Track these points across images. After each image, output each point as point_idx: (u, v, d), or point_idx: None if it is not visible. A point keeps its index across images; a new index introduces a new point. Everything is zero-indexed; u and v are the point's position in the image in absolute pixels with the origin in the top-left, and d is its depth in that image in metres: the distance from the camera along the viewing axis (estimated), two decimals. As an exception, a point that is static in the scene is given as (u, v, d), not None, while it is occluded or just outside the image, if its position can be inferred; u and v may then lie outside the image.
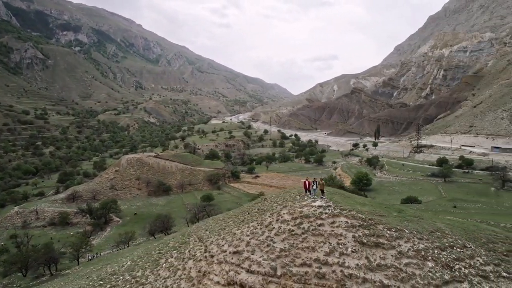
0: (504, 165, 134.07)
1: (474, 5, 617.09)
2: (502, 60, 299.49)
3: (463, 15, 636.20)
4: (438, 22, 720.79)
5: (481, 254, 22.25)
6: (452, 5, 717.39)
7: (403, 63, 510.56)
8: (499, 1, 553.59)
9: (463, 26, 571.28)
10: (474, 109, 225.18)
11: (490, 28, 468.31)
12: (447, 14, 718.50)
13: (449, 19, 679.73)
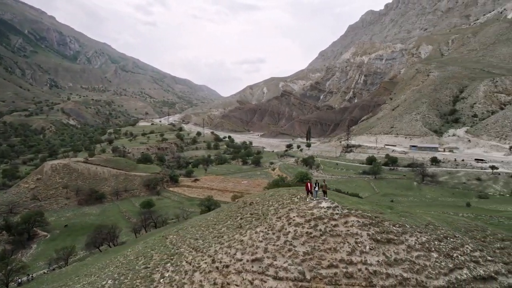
0: (422, 162, 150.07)
1: (386, 19, 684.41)
2: (412, 69, 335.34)
3: (377, 26, 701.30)
4: (357, 32, 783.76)
5: (468, 242, 24.08)
6: (368, 17, 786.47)
7: (328, 68, 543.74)
8: (405, 16, 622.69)
9: (378, 36, 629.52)
10: (393, 112, 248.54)
11: (400, 40, 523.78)
12: (364, 24, 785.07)
13: (366, 30, 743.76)
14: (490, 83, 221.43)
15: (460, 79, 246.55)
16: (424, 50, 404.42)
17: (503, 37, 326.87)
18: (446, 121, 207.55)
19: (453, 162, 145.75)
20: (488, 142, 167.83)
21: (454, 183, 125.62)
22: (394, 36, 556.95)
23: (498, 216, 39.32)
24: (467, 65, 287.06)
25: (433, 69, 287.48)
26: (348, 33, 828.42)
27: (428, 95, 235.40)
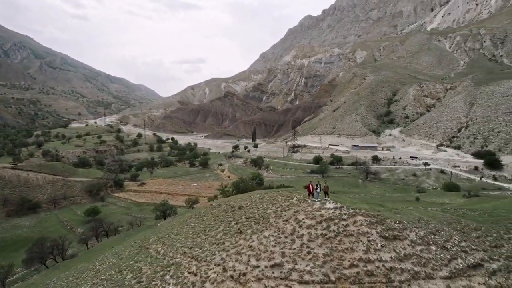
0: (364, 160, 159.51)
1: (324, 24, 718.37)
2: (349, 72, 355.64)
3: (315, 31, 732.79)
4: (296, 35, 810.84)
5: (454, 234, 25.66)
6: (307, 22, 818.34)
7: (270, 70, 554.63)
8: (341, 23, 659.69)
9: (316, 40, 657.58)
10: (334, 113, 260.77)
11: (337, 45, 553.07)
12: (303, 29, 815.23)
13: (305, 34, 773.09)
14: (418, 88, 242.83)
15: (393, 83, 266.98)
16: (359, 55, 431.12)
17: (424, 46, 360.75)
18: (382, 121, 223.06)
19: (391, 160, 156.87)
20: (419, 141, 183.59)
21: (394, 180, 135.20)
22: (332, 41, 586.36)
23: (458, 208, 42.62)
24: (397, 70, 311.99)
25: (369, 73, 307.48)
26: (288, 37, 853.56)
27: (366, 97, 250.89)
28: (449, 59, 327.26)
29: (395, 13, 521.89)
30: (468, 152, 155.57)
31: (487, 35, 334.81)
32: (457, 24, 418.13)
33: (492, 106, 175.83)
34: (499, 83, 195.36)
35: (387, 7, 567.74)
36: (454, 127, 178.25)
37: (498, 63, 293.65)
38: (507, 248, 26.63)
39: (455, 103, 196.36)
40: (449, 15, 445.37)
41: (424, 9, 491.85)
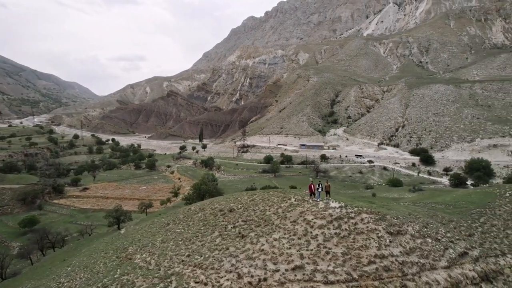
0: (313, 159, 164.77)
1: (267, 26, 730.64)
2: (293, 74, 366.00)
3: (258, 32, 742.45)
4: (239, 36, 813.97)
5: (439, 226, 27.08)
6: (250, 23, 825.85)
7: (214, 69, 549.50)
8: (284, 25, 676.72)
9: (259, 41, 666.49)
10: (281, 113, 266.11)
11: (280, 46, 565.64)
12: (246, 29, 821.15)
13: (248, 34, 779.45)
14: (358, 90, 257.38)
15: (335, 85, 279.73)
16: (302, 57, 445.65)
17: (362, 51, 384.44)
18: (327, 122, 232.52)
19: (338, 158, 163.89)
20: (361, 140, 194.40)
21: (342, 177, 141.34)
22: (275, 43, 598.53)
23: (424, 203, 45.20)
24: (338, 73, 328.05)
25: (312, 75, 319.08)
26: (231, 37, 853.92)
27: (310, 98, 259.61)
28: (384, 63, 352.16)
29: (334, 18, 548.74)
30: (406, 150, 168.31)
31: (415, 43, 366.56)
32: (389, 31, 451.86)
33: (423, 108, 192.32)
34: (428, 87, 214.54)
35: (326, 12, 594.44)
36: (392, 126, 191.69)
37: (425, 69, 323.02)
38: (478, 236, 28.72)
39: (392, 104, 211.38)
40: (382, 23, 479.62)
41: (360, 16, 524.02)
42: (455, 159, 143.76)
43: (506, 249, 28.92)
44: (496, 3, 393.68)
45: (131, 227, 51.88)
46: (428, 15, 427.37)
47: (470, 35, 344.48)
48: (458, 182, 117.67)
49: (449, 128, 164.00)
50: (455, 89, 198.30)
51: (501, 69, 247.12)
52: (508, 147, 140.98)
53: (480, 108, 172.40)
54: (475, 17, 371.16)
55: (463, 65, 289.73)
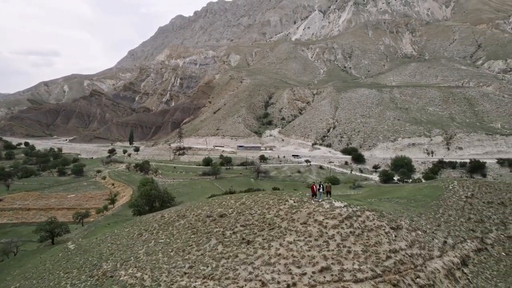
0: (252, 160, 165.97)
1: (196, 25, 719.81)
2: (226, 75, 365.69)
3: (188, 32, 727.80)
4: (167, 34, 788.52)
5: (418, 219, 28.67)
6: (178, 22, 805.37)
7: (142, 68, 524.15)
8: (213, 26, 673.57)
9: (189, 41, 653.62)
10: (215, 115, 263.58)
11: (210, 47, 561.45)
12: (174, 28, 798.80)
13: (177, 33, 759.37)
14: (290, 92, 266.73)
15: (268, 87, 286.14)
16: (233, 59, 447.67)
17: (291, 55, 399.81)
18: (262, 123, 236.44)
19: (277, 159, 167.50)
20: (296, 141, 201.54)
21: (282, 177, 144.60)
22: (205, 43, 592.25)
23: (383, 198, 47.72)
24: (270, 75, 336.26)
25: (245, 76, 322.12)
26: (159, 35, 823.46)
27: (245, 100, 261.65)
28: (312, 67, 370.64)
29: (264, 22, 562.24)
30: (338, 149, 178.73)
31: (339, 49, 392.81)
32: (316, 37, 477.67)
33: (351, 110, 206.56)
34: (354, 91, 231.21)
35: (256, 15, 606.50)
36: (324, 127, 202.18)
37: (349, 74, 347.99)
38: (444, 226, 31.07)
39: (323, 106, 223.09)
40: (308, 28, 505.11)
41: (289, 20, 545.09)
42: (382, 157, 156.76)
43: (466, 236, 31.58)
44: (404, 18, 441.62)
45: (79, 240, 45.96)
46: (349, 24, 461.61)
47: (386, 45, 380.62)
48: (387, 178, 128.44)
49: (375, 129, 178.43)
50: (378, 93, 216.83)
51: (412, 76, 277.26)
52: (423, 145, 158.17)
53: (399, 111, 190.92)
54: (388, 29, 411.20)
55: (381, 71, 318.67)
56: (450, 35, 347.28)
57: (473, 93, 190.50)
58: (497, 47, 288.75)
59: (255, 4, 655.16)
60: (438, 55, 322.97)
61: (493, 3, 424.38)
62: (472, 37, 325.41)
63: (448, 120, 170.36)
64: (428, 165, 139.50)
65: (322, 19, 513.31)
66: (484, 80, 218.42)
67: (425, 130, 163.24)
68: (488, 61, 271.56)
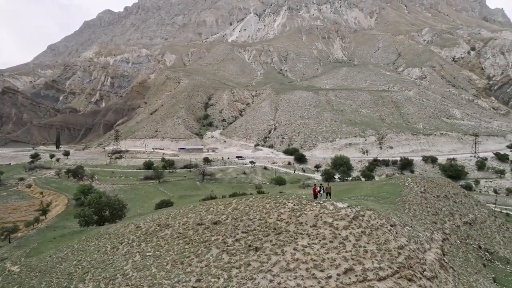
0: (196, 163, 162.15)
1: (127, 22, 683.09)
2: (161, 75, 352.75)
3: (118, 28, 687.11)
4: (94, 30, 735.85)
5: (397, 216, 30.06)
6: (107, 17, 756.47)
7: (66, 65, 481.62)
8: (146, 24, 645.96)
9: (120, 38, 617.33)
10: (153, 116, 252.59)
11: (143, 45, 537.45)
12: (102, 23, 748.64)
13: (106, 29, 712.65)
14: (230, 93, 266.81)
15: (207, 88, 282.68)
16: (168, 58, 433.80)
17: (229, 56, 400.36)
18: (202, 124, 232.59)
19: (221, 160, 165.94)
20: (238, 142, 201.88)
21: (228, 179, 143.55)
22: (137, 41, 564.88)
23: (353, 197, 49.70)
24: (208, 76, 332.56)
25: (182, 77, 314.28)
26: (85, 30, 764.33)
27: (184, 101, 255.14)
28: (249, 69, 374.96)
29: (199, 22, 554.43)
30: (280, 150, 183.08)
31: (275, 52, 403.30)
32: (252, 39, 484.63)
33: (291, 112, 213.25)
34: (292, 93, 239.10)
35: (191, 14, 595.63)
36: (265, 129, 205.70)
37: (285, 76, 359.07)
38: (415, 221, 33.38)
39: (263, 108, 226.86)
40: (244, 30, 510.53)
41: (224, 22, 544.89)
42: (322, 156, 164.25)
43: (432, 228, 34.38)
44: (334, 25, 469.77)
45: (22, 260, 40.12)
46: (284, 28, 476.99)
47: (318, 50, 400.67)
48: (328, 177, 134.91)
49: (314, 130, 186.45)
50: (315, 95, 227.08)
51: (344, 80, 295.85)
52: (359, 145, 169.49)
53: (335, 112, 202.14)
54: (320, 34, 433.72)
55: (316, 75, 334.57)
56: (375, 43, 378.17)
57: (398, 96, 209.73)
58: (413, 56, 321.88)
59: (190, 3, 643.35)
60: (366, 61, 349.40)
61: (408, 17, 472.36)
62: (393, 46, 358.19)
63: (379, 121, 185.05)
64: (364, 164, 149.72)
65: (258, 22, 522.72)
66: (406, 85, 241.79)
67: (360, 131, 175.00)
68: (407, 69, 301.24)
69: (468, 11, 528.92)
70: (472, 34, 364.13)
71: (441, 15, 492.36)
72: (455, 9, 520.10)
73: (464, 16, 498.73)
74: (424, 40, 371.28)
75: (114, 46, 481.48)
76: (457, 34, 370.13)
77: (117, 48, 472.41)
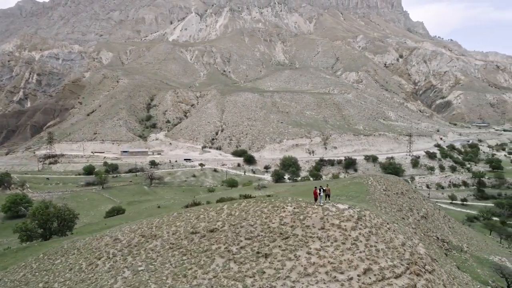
0: (141, 166, 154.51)
1: (54, 14, 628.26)
2: (98, 74, 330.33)
3: (43, 20, 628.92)
4: (13, 20, 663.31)
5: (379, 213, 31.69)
6: (29, 7, 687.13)
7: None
8: (78, 17, 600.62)
9: (46, 31, 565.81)
10: (91, 117, 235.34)
11: (75, 41, 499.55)
12: (24, 14, 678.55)
13: (28, 21, 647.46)
14: (174, 94, 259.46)
15: (149, 88, 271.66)
16: (105, 56, 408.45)
17: (170, 56, 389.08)
18: (145, 126, 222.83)
19: (168, 163, 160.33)
20: (185, 144, 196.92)
21: (178, 182, 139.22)
22: (68, 36, 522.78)
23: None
24: (149, 76, 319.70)
25: (122, 76, 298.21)
26: (2, 20, 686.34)
27: (124, 101, 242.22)
28: (192, 69, 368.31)
29: (138, 19, 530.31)
30: (228, 151, 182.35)
31: (218, 53, 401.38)
32: (194, 39, 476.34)
33: (237, 113, 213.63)
34: (238, 94, 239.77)
35: (129, 11, 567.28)
36: (212, 130, 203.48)
37: (228, 78, 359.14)
38: (388, 217, 35.37)
39: (209, 109, 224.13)
40: (186, 30, 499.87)
41: (165, 20, 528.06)
42: (271, 157, 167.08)
43: (403, 223, 36.71)
44: (276, 28, 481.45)
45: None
46: (226, 29, 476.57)
47: (261, 52, 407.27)
48: (278, 178, 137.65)
49: (262, 131, 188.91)
50: (261, 97, 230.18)
51: (287, 83, 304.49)
52: (305, 145, 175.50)
53: (281, 114, 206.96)
54: (263, 37, 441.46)
55: (259, 77, 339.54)
56: (315, 47, 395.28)
57: (339, 99, 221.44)
58: (350, 61, 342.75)
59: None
60: (307, 64, 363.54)
61: (344, 24, 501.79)
62: (331, 51, 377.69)
63: (323, 123, 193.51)
64: (312, 164, 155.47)
65: (199, 22, 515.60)
66: (345, 88, 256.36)
67: (305, 132, 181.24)
68: (345, 73, 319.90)
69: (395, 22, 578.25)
70: (400, 43, 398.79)
71: (373, 24, 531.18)
72: (384, 19, 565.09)
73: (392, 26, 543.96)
74: (359, 46, 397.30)
75: (40, 39, 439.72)
76: (387, 42, 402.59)
77: (44, 42, 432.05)
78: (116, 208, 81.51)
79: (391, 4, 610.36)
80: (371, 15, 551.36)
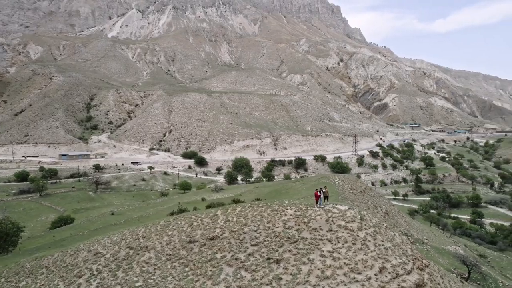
0: (84, 171, 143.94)
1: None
2: (26, 70, 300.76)
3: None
4: None
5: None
6: None
7: None
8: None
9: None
10: (19, 118, 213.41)
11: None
12: None
13: None
14: (116, 93, 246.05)
15: (88, 87, 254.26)
16: (33, 50, 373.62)
17: (110, 53, 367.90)
18: (86, 127, 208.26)
19: (115, 167, 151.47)
20: (130, 146, 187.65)
21: (126, 187, 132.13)
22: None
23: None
24: (87, 74, 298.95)
25: (55, 73, 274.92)
26: None
27: (60, 100, 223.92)
28: (134, 68, 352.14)
29: (72, 12, 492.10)
30: (177, 153, 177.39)
31: (161, 52, 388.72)
32: (135, 37, 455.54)
33: (186, 114, 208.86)
34: (186, 95, 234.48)
35: (60, 2, 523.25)
36: (160, 132, 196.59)
37: (173, 77, 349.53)
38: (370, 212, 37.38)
39: (155, 110, 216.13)
40: (126, 27, 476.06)
41: (103, 15, 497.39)
42: (222, 159, 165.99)
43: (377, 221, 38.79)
44: (221, 29, 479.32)
45: None
46: (170, 28, 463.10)
47: (206, 52, 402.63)
48: (231, 179, 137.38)
49: (212, 132, 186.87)
50: (209, 98, 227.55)
51: (234, 84, 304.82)
52: (256, 146, 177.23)
53: (231, 115, 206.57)
54: (208, 37, 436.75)
55: (205, 77, 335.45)
56: (260, 49, 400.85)
57: (286, 101, 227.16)
58: (294, 63, 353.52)
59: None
60: (252, 65, 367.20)
61: (287, 27, 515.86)
62: (276, 54, 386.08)
63: (272, 124, 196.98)
64: (263, 164, 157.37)
65: (141, 19, 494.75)
66: (291, 90, 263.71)
67: (256, 133, 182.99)
68: (290, 75, 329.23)
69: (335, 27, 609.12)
70: (340, 48, 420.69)
71: (314, 28, 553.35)
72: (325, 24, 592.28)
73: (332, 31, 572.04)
74: (303, 50, 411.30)
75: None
76: (329, 46, 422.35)
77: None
78: (63, 217, 74.85)
79: (331, 10, 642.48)
80: (312, 19, 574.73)
